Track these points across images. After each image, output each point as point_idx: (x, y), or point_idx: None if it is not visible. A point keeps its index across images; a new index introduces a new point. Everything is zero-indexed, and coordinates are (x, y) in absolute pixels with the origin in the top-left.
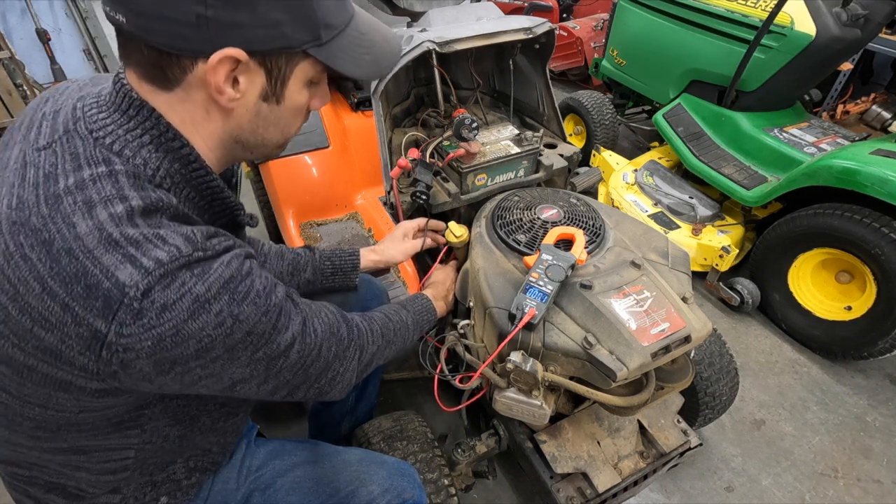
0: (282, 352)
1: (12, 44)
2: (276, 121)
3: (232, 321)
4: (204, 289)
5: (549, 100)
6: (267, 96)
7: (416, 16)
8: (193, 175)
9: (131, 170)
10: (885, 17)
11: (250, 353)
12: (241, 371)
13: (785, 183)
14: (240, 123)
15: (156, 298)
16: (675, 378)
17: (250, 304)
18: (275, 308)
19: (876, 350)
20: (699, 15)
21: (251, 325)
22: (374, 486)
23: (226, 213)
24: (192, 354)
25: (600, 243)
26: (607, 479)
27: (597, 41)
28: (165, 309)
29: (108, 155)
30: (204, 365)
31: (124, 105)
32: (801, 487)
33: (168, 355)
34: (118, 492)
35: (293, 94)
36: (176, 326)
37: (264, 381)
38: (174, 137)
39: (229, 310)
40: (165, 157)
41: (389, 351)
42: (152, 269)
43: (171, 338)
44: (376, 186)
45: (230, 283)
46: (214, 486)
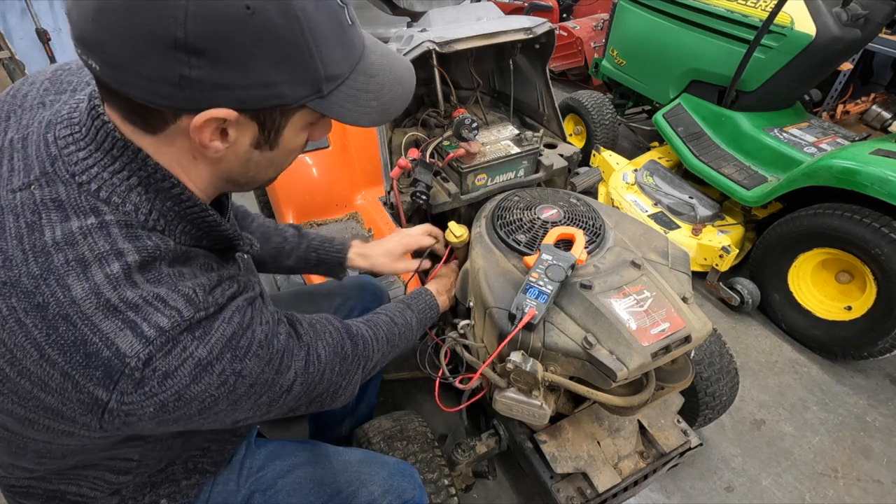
0: (285, 390)
1: (12, 44)
2: (268, 163)
3: (235, 378)
4: (206, 352)
5: (549, 100)
6: (259, 145)
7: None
8: (188, 212)
9: (122, 219)
10: (885, 17)
11: (254, 400)
12: (245, 414)
13: (785, 183)
14: (230, 168)
15: (157, 367)
16: (675, 378)
17: (253, 358)
18: (277, 354)
19: (876, 350)
20: (699, 15)
21: (254, 377)
22: (375, 486)
23: (223, 243)
24: (195, 413)
25: (600, 243)
26: (607, 479)
27: (597, 41)
28: (167, 377)
29: (95, 203)
30: (207, 417)
31: (107, 144)
32: (801, 487)
33: (171, 416)
34: (117, 493)
35: (289, 140)
36: (178, 392)
37: (266, 413)
38: (164, 178)
39: (232, 368)
40: (157, 198)
41: (393, 354)
42: (153, 338)
43: (174, 402)
44: (376, 186)
45: (232, 340)
46: (215, 488)
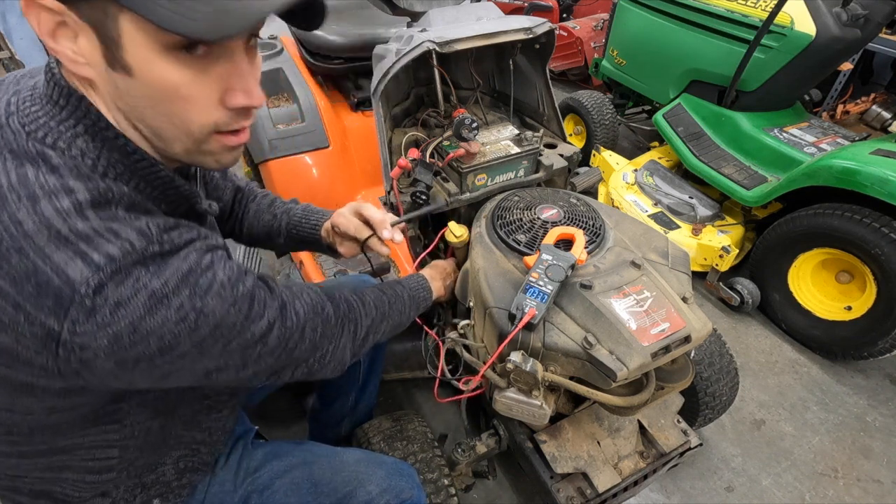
0: (257, 339)
1: (12, 44)
2: (149, 102)
3: (195, 315)
4: (160, 284)
5: (549, 100)
6: (111, 62)
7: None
8: (137, 166)
9: (70, 163)
10: (885, 17)
11: (222, 346)
12: (215, 362)
13: (785, 183)
14: (113, 101)
15: (108, 295)
16: (675, 378)
17: (215, 297)
18: (243, 297)
19: (876, 350)
20: (699, 15)
21: (218, 318)
22: (373, 486)
23: (182, 202)
24: (155, 352)
25: (600, 243)
26: (607, 479)
27: (597, 41)
28: (119, 306)
29: (42, 149)
30: (171, 361)
31: (55, 94)
32: (801, 487)
33: (129, 354)
34: (107, 495)
35: (142, 63)
36: (133, 324)
37: (242, 367)
38: (106, 126)
39: (191, 304)
40: (104, 148)
41: (387, 325)
42: (103, 265)
43: (129, 336)
44: (376, 186)
45: (189, 276)
46: (211, 489)
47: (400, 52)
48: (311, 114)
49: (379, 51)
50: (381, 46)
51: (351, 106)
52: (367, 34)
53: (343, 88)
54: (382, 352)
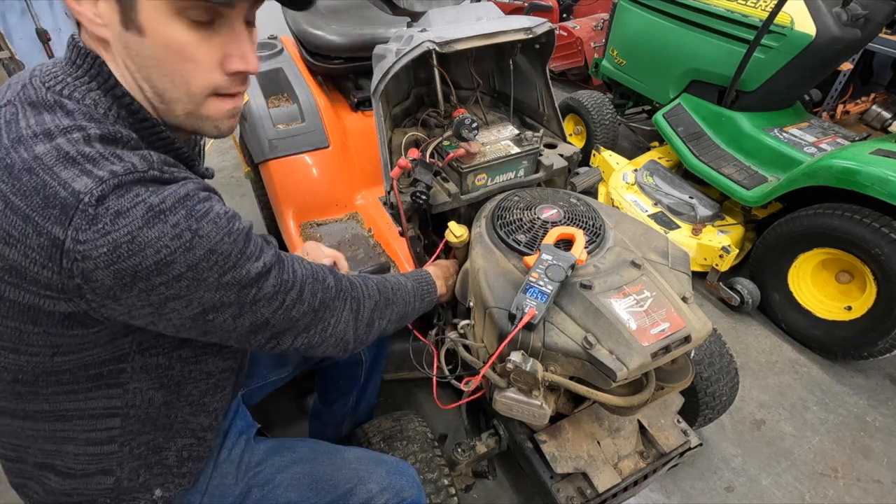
0: (253, 279)
1: (12, 44)
2: (154, 62)
3: (191, 235)
4: (158, 200)
5: (549, 100)
6: (126, 22)
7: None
8: (141, 126)
9: (84, 109)
10: (885, 17)
11: (217, 276)
12: (211, 295)
13: (785, 183)
14: (124, 62)
15: (110, 205)
16: (675, 378)
17: (210, 223)
18: (239, 233)
19: (876, 350)
20: (699, 15)
21: (213, 243)
22: (373, 484)
23: (182, 163)
24: (151, 267)
25: (600, 243)
26: (607, 479)
27: (597, 41)
28: (119, 215)
29: (59, 98)
30: (168, 283)
31: (73, 56)
32: (801, 487)
33: (126, 265)
34: (110, 473)
35: (155, 24)
36: (131, 233)
37: (239, 313)
38: (115, 84)
39: (187, 223)
40: (114, 103)
41: (392, 312)
42: (106, 179)
43: (127, 244)
44: (376, 186)
45: (186, 199)
46: (213, 481)
47: (400, 52)
48: (311, 114)
49: (379, 51)
50: (381, 46)
51: (351, 106)
52: (367, 34)
53: (343, 88)
54: (383, 352)
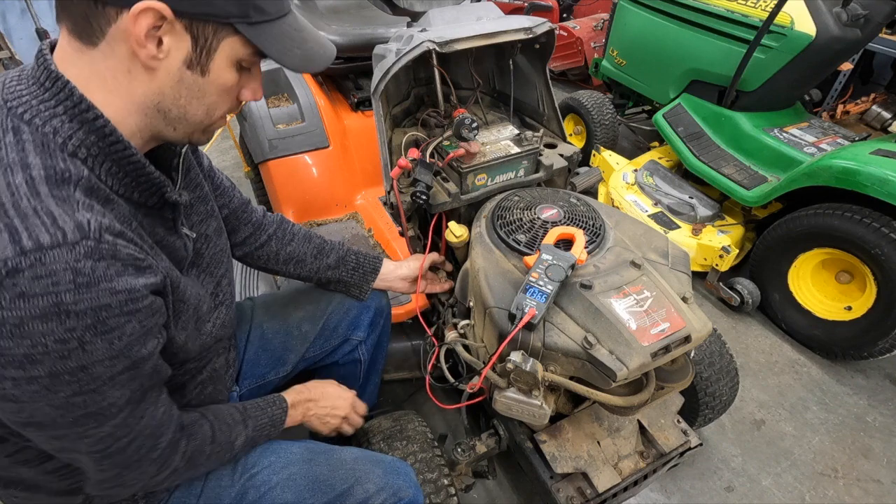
0: (101, 411)
1: (12, 44)
2: (199, 94)
3: (76, 345)
4: (72, 299)
5: (549, 100)
6: (191, 64)
7: (416, 16)
8: (111, 149)
9: (39, 138)
10: (885, 17)
11: (70, 393)
12: (49, 412)
13: (785, 183)
14: (161, 87)
15: (19, 283)
16: (675, 378)
17: (105, 341)
18: (126, 359)
19: (876, 350)
20: (699, 15)
21: (91, 359)
22: (370, 484)
23: (153, 189)
24: (17, 357)
25: (600, 243)
26: (607, 479)
27: (597, 41)
28: (22, 297)
29: (17, 123)
30: (17, 381)
31: (42, 77)
32: (801, 487)
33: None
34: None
35: (219, 70)
36: (21, 318)
37: (60, 436)
38: (87, 108)
39: (81, 334)
40: (80, 129)
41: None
42: (29, 251)
43: (11, 326)
44: (376, 186)
45: (104, 311)
46: (208, 483)
47: (400, 52)
48: (311, 114)
49: (379, 51)
50: (381, 46)
51: (351, 106)
52: (367, 34)
53: (343, 88)
54: (383, 351)
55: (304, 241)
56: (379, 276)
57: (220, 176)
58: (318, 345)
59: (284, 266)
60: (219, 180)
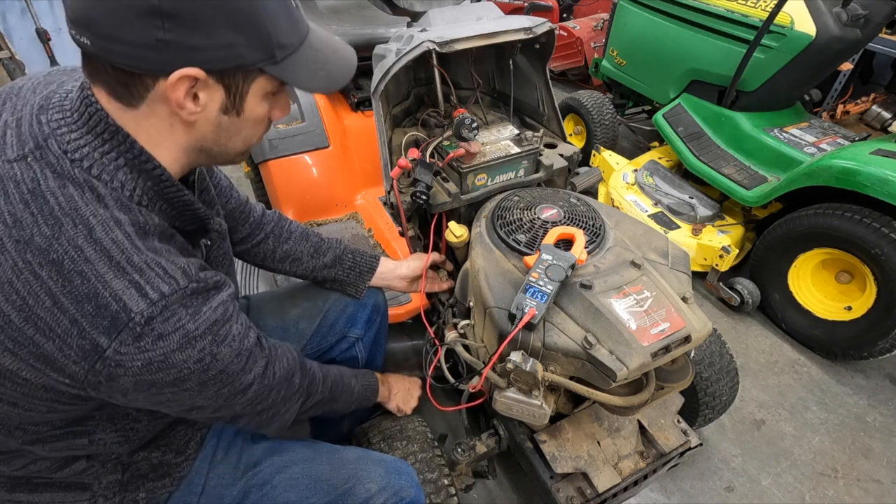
0: (242, 389)
1: (12, 44)
2: (237, 131)
3: (210, 359)
4: (194, 327)
5: (549, 100)
6: (227, 110)
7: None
8: (166, 192)
9: (113, 193)
10: (885, 17)
11: (217, 388)
12: (204, 401)
13: (785, 183)
14: (203, 135)
15: (156, 327)
16: (675, 378)
17: (227, 347)
18: (246, 351)
19: (876, 350)
20: (699, 15)
21: (224, 364)
22: (372, 483)
23: (198, 221)
24: (170, 381)
25: (600, 243)
26: (607, 479)
27: (597, 41)
28: (161, 338)
29: (87, 178)
30: (175, 391)
31: (98, 128)
32: (801, 487)
33: (151, 378)
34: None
35: (253, 107)
36: (165, 354)
37: (218, 409)
38: (147, 160)
39: (210, 349)
40: (140, 178)
41: (329, 407)
42: (156, 301)
43: (159, 363)
44: (376, 186)
45: (215, 325)
46: (210, 482)
47: (400, 51)
48: (311, 113)
49: (379, 51)
50: (381, 46)
51: (351, 106)
52: (367, 34)
53: (343, 88)
54: (381, 349)
55: (300, 239)
56: (377, 274)
57: (220, 175)
58: (315, 342)
59: (280, 264)
60: (217, 180)
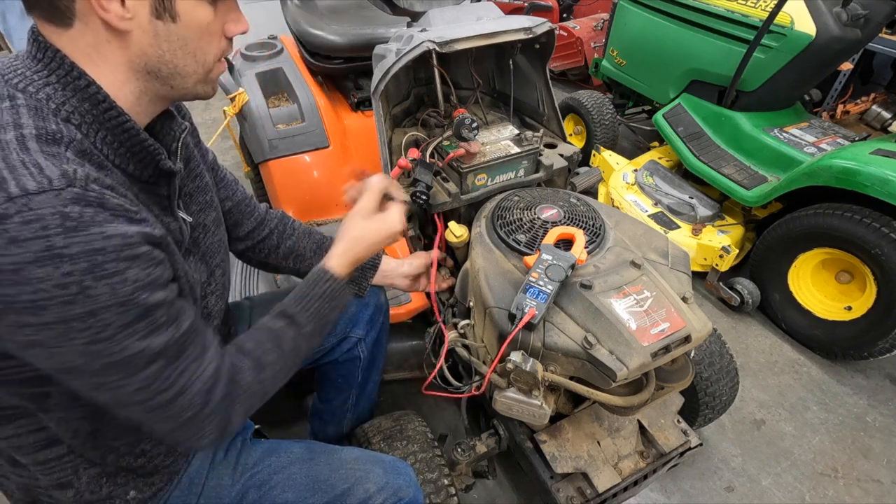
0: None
1: (12, 44)
2: (181, 43)
3: (77, 290)
4: (62, 243)
5: (549, 100)
6: (159, 13)
7: (416, 16)
8: (105, 116)
9: (32, 103)
10: (885, 17)
11: (86, 341)
12: (73, 358)
13: (785, 183)
14: (143, 49)
15: (8, 228)
16: (675, 378)
17: (107, 287)
18: (139, 307)
19: (876, 350)
20: (699, 15)
21: (96, 306)
22: (371, 483)
23: (147, 157)
24: (23, 304)
25: (600, 243)
26: (607, 479)
27: (597, 41)
28: (14, 242)
29: (12, 91)
30: (35, 327)
31: (34, 50)
32: (801, 487)
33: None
34: (69, 486)
35: (189, 10)
36: (17, 264)
37: (98, 386)
38: (79, 76)
39: (80, 277)
40: (74, 97)
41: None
42: (14, 196)
43: (10, 272)
44: None
45: (97, 253)
46: (209, 482)
47: (400, 52)
48: (311, 114)
49: (379, 51)
50: (381, 46)
51: (351, 106)
52: (367, 34)
53: (343, 88)
54: (382, 349)
55: (304, 236)
56: (379, 272)
57: (225, 170)
58: None
59: (284, 261)
60: (223, 174)
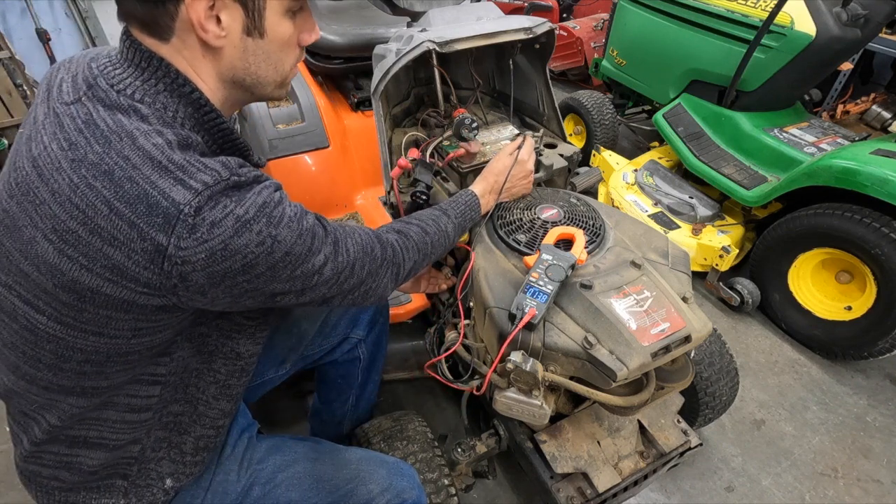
0: (316, 270)
1: (12, 44)
2: (265, 56)
3: (271, 241)
4: (243, 211)
5: (549, 100)
6: (249, 30)
7: (416, 15)
8: (205, 119)
9: (156, 114)
10: (885, 17)
11: (290, 271)
12: (282, 286)
13: (785, 183)
14: (232, 63)
15: (206, 216)
16: (675, 378)
17: (285, 227)
18: (308, 232)
19: (876, 350)
20: (699, 15)
21: (288, 246)
22: (374, 484)
23: (237, 153)
24: (238, 269)
25: (600, 243)
26: (607, 479)
27: (597, 41)
28: (214, 225)
29: (132, 103)
30: (249, 280)
31: (136, 59)
32: (801, 487)
33: (219, 268)
34: (138, 442)
35: (275, 26)
36: (224, 241)
37: (301, 293)
38: (184, 83)
39: (268, 231)
40: (180, 102)
41: (429, 260)
42: (201, 190)
43: (221, 251)
44: (376, 186)
45: (265, 207)
46: (216, 477)
47: (400, 52)
48: (311, 114)
49: (379, 51)
50: (381, 46)
51: (351, 106)
52: (367, 34)
53: (343, 88)
54: (383, 351)
55: None
56: None
57: None
58: (318, 343)
59: None
60: None
